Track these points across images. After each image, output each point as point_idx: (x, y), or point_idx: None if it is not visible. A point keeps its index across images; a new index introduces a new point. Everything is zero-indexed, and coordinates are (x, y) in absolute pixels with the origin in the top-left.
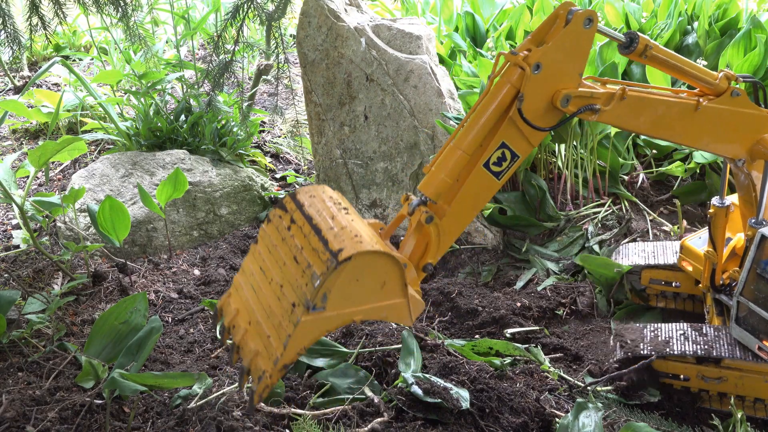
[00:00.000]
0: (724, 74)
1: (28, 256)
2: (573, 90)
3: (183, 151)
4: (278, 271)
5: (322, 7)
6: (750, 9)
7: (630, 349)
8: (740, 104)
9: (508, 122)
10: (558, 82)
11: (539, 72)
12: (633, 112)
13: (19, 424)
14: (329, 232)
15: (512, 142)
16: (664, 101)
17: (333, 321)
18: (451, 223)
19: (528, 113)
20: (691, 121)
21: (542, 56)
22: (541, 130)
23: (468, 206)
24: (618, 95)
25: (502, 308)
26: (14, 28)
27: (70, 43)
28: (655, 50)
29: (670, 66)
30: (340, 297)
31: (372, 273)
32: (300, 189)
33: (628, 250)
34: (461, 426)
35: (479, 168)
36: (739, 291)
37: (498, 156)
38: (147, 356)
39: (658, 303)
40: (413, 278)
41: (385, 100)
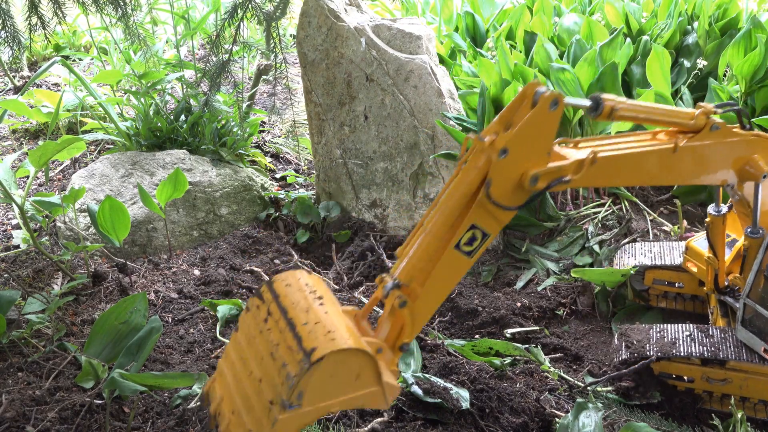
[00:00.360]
0: (702, 111)
1: (28, 256)
2: (540, 169)
3: (183, 151)
4: (257, 365)
5: (322, 7)
6: (750, 9)
7: (636, 349)
8: (722, 135)
9: (477, 205)
10: (525, 163)
11: (506, 156)
12: (607, 172)
13: (19, 424)
14: (303, 327)
15: (482, 223)
16: (639, 154)
17: (310, 415)
18: (425, 304)
19: (496, 195)
20: (671, 163)
21: (508, 141)
22: (510, 210)
23: (441, 287)
24: (588, 161)
25: (502, 308)
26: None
27: (70, 43)
28: (623, 110)
29: (641, 119)
30: (315, 393)
31: (346, 368)
32: (276, 277)
33: (634, 250)
34: (461, 426)
35: (451, 250)
36: (746, 293)
37: (469, 237)
38: (147, 356)
39: (659, 303)
40: (389, 359)
41: (385, 100)
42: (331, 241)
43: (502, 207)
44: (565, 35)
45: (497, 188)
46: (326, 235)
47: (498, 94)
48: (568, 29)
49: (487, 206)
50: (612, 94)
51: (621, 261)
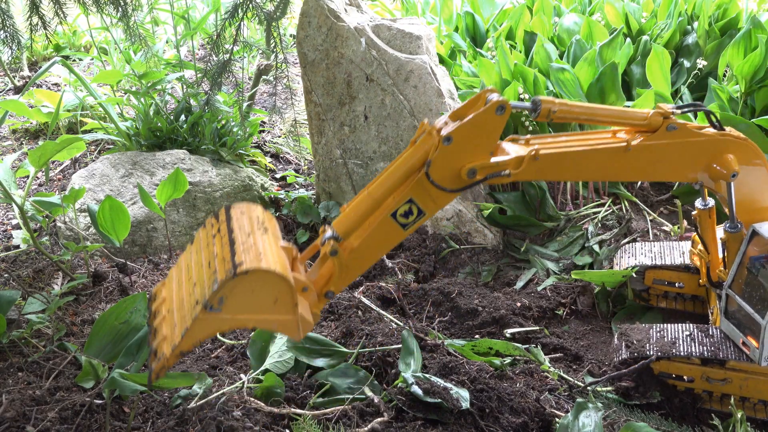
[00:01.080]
0: (657, 111)
1: (28, 256)
2: (478, 163)
3: (183, 151)
4: (197, 272)
5: (322, 7)
6: (750, 9)
7: (636, 349)
8: (681, 136)
9: (417, 182)
10: (466, 156)
11: (449, 144)
12: (552, 168)
13: (19, 424)
14: (240, 246)
15: (419, 200)
16: (586, 152)
17: (226, 323)
18: (356, 259)
19: (434, 176)
20: (625, 161)
21: (454, 131)
22: (446, 191)
23: (373, 248)
24: (528, 157)
25: (502, 308)
26: (14, 28)
27: (70, 43)
28: (561, 112)
29: (582, 120)
30: (235, 303)
31: (266, 288)
32: (235, 204)
33: (634, 250)
34: (461, 426)
35: (387, 217)
36: (728, 284)
37: (405, 210)
38: (147, 356)
39: (660, 303)
40: (313, 301)
41: (385, 100)
42: None
43: (439, 187)
44: (565, 35)
45: (436, 170)
46: None
47: None
48: (568, 29)
49: (425, 184)
50: (553, 98)
51: (621, 261)
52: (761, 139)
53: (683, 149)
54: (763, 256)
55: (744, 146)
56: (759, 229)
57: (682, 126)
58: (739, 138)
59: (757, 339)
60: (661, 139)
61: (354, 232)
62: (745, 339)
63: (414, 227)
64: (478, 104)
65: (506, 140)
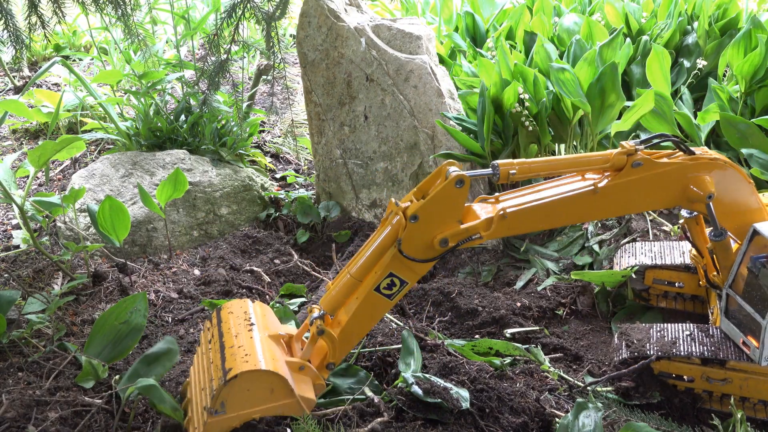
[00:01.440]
0: (620, 150)
1: (28, 256)
2: (449, 233)
3: (183, 151)
4: (202, 377)
5: (322, 7)
6: (750, 9)
7: (636, 348)
8: (648, 170)
9: (393, 257)
10: (434, 229)
11: (416, 222)
12: (521, 223)
13: (20, 424)
14: (229, 350)
15: (399, 272)
16: (553, 203)
17: (234, 420)
18: (348, 334)
19: (407, 251)
20: (595, 203)
21: (419, 209)
22: (421, 262)
23: (363, 321)
24: (497, 218)
25: (502, 308)
26: (15, 27)
27: (70, 43)
28: (520, 172)
29: (543, 175)
30: (236, 403)
31: (258, 384)
32: (224, 305)
33: (634, 250)
34: (461, 426)
35: (371, 292)
36: (729, 283)
37: (387, 282)
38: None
39: (659, 303)
40: (313, 375)
41: (385, 100)
42: (331, 241)
43: (413, 260)
44: (565, 35)
45: (408, 246)
46: (326, 235)
47: (498, 94)
48: (568, 29)
49: (401, 259)
50: (511, 160)
51: (621, 260)
52: (761, 139)
53: (653, 182)
54: (763, 256)
55: (717, 165)
56: (760, 229)
57: (647, 160)
58: (711, 159)
59: (758, 339)
60: (628, 177)
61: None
62: (745, 339)
63: (400, 296)
64: (441, 178)
65: (476, 201)
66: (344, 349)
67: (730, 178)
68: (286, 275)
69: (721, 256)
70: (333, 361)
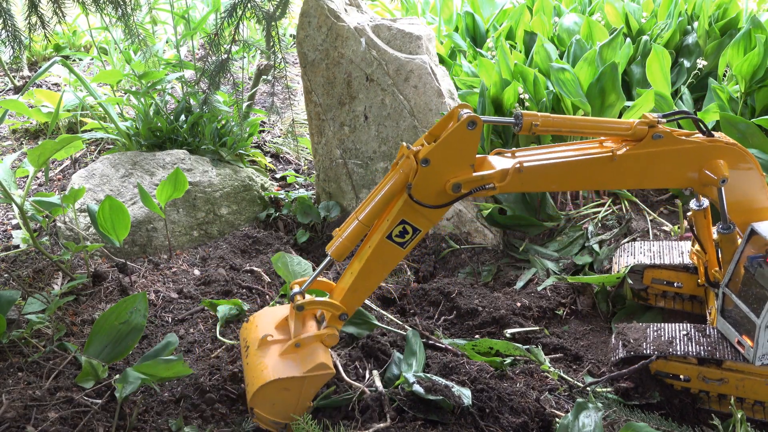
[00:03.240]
0: (642, 120)
1: (28, 256)
2: (462, 178)
3: (183, 151)
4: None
5: (322, 7)
6: (750, 9)
7: (633, 348)
8: (667, 144)
9: (405, 203)
10: (447, 173)
11: (427, 166)
12: (536, 179)
13: (19, 424)
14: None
15: (411, 219)
16: (571, 163)
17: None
18: (361, 283)
19: (418, 196)
20: (611, 171)
21: (430, 153)
22: (433, 208)
23: (376, 270)
24: (512, 170)
25: (502, 308)
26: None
27: (70, 43)
28: (543, 125)
29: (564, 132)
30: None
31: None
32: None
33: (633, 249)
34: (461, 426)
35: (383, 240)
36: (725, 283)
37: (400, 230)
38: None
39: (658, 303)
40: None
41: (385, 100)
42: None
43: (424, 205)
44: (565, 35)
45: (419, 191)
46: (326, 235)
47: (498, 94)
48: (568, 29)
49: (412, 205)
50: (535, 112)
51: (620, 260)
52: (761, 139)
53: (670, 157)
54: (760, 256)
55: (733, 151)
56: (757, 228)
57: (668, 134)
58: (728, 143)
59: (752, 338)
60: (647, 148)
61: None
62: (740, 338)
63: (413, 244)
64: (452, 121)
65: (492, 153)
66: (358, 298)
67: (744, 167)
68: None
69: (726, 250)
70: (345, 312)
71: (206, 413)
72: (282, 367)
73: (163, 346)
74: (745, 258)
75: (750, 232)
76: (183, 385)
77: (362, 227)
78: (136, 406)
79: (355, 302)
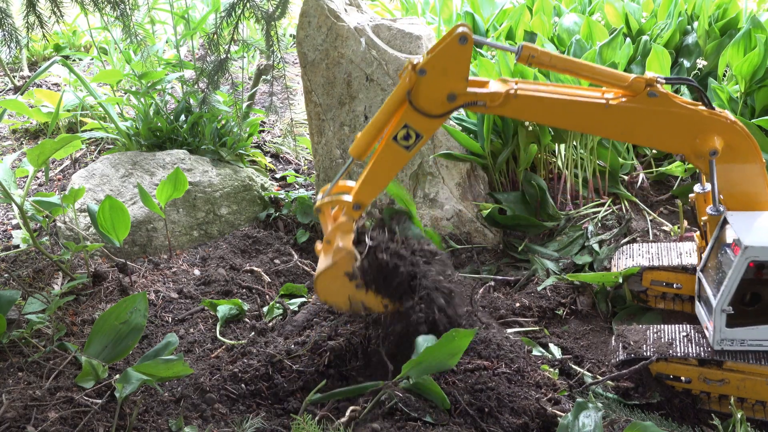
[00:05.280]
0: (639, 76)
1: (28, 256)
2: (457, 90)
3: (183, 151)
4: None
5: (322, 7)
6: (750, 9)
7: (633, 350)
8: (661, 104)
9: (407, 109)
10: (442, 84)
11: (424, 76)
12: (528, 109)
13: (19, 424)
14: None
15: (412, 124)
16: (564, 101)
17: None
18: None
19: (418, 103)
20: (602, 118)
21: (425, 63)
22: (431, 117)
23: (385, 168)
24: (506, 94)
25: (502, 308)
26: (12, 27)
27: (70, 43)
28: (539, 58)
29: (559, 69)
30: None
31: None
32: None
33: (632, 251)
34: (461, 426)
35: (390, 141)
36: (701, 267)
37: (404, 134)
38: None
39: (658, 304)
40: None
41: (385, 100)
42: None
43: (423, 113)
44: (565, 35)
45: (417, 99)
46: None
47: None
48: (568, 29)
49: (413, 111)
50: (537, 46)
51: (619, 262)
52: (761, 139)
53: (663, 118)
54: (729, 243)
55: (733, 129)
56: (729, 218)
57: (664, 95)
58: (728, 120)
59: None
60: (640, 104)
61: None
62: (708, 323)
63: (416, 148)
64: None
65: (497, 79)
66: (370, 191)
67: (743, 148)
68: (286, 275)
69: (711, 233)
70: (358, 202)
71: (206, 413)
72: (321, 263)
73: (163, 346)
74: (719, 245)
75: (723, 221)
76: (183, 385)
77: (375, 130)
78: (136, 406)
79: (368, 194)
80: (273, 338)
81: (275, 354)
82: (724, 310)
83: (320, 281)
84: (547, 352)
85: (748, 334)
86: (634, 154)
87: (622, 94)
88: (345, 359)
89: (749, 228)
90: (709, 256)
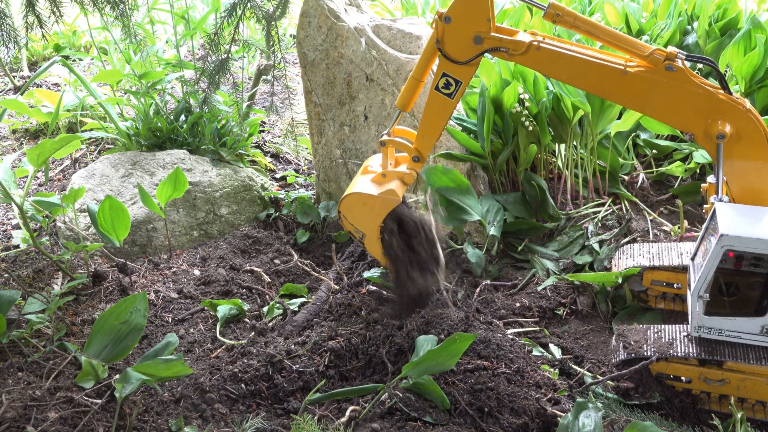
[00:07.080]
0: (660, 49)
1: (28, 256)
2: (483, 33)
3: (183, 151)
4: None
5: (322, 7)
6: (750, 9)
7: (633, 350)
8: (676, 79)
9: (441, 59)
10: (467, 28)
11: (449, 23)
12: (549, 64)
13: (19, 424)
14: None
15: (450, 71)
16: (584, 60)
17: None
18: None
19: (447, 51)
20: (618, 84)
21: (449, 11)
22: (457, 63)
23: (433, 118)
24: (530, 45)
25: (502, 308)
26: (11, 27)
27: (70, 43)
28: (566, 16)
29: (581, 31)
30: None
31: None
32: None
33: (632, 251)
34: (461, 426)
35: (432, 92)
36: (692, 256)
37: (444, 82)
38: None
39: (658, 304)
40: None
41: (385, 100)
42: (331, 241)
43: (453, 61)
44: (565, 35)
45: (446, 47)
46: (326, 235)
47: (498, 94)
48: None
49: (446, 60)
50: (564, 6)
51: (619, 262)
52: None
53: (677, 94)
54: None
55: (747, 117)
56: (718, 207)
57: (681, 70)
58: (745, 108)
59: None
60: (657, 76)
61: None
62: (701, 314)
63: (458, 95)
64: None
65: (528, 31)
66: (425, 144)
67: (755, 139)
68: (286, 275)
69: None
70: (416, 154)
71: (206, 413)
72: (366, 186)
73: (163, 346)
74: (708, 234)
75: (713, 212)
76: (183, 385)
77: (414, 81)
78: (136, 406)
79: (424, 147)
80: (273, 338)
81: (275, 354)
82: (701, 296)
83: (352, 199)
84: (547, 352)
85: (725, 324)
86: (634, 154)
87: (643, 65)
88: (345, 359)
89: (733, 218)
90: (698, 245)
